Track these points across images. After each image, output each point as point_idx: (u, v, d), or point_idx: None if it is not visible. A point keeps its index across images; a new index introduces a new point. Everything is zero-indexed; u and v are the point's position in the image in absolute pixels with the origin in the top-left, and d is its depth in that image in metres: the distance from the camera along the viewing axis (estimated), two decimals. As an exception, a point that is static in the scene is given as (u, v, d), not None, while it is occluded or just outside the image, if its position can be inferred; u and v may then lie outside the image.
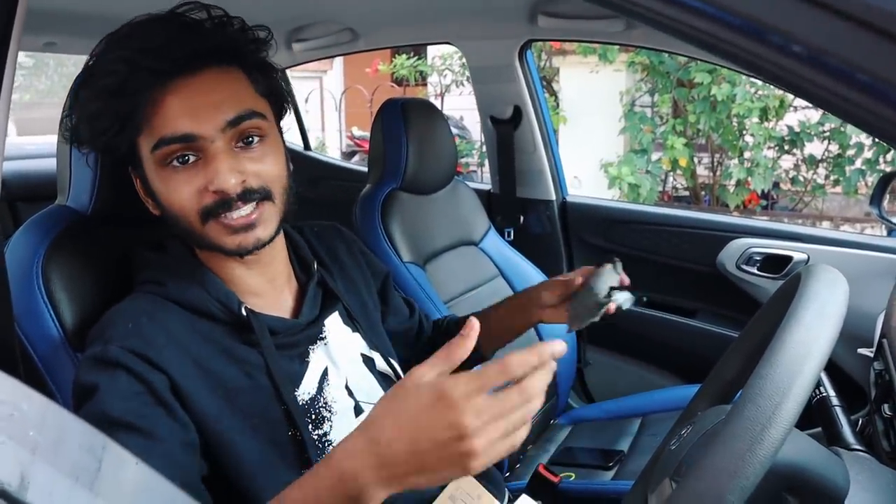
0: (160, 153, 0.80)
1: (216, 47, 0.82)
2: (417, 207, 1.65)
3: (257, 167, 0.82)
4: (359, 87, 7.22)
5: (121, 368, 0.76)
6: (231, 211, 0.80)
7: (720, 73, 4.70)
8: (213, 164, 0.79)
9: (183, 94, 0.80)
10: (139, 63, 0.78)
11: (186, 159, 0.80)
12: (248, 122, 0.82)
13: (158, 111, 0.79)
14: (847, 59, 0.35)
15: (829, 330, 0.58)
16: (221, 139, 0.80)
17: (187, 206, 0.81)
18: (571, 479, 1.48)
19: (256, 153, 0.83)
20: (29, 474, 0.61)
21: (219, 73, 0.82)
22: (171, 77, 0.79)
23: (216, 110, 0.80)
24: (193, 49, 0.80)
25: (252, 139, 0.83)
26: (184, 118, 0.79)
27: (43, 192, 1.39)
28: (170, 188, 0.82)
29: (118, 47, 0.80)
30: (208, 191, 0.80)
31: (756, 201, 5.76)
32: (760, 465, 0.52)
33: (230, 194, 0.80)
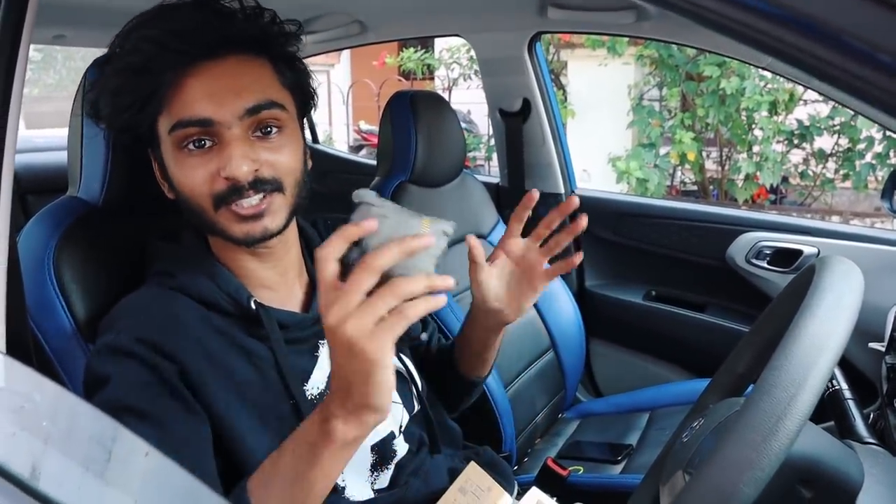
0: (177, 135, 0.80)
1: (245, 35, 0.82)
2: (426, 200, 1.65)
3: (272, 157, 0.82)
4: (366, 81, 7.20)
5: (132, 357, 0.76)
6: (242, 199, 0.80)
7: (729, 66, 4.67)
8: (227, 151, 0.79)
9: (205, 78, 0.80)
10: (166, 44, 0.78)
11: (203, 143, 0.80)
12: (267, 111, 0.81)
13: (179, 93, 0.79)
14: (868, 39, 0.34)
15: (844, 321, 0.58)
16: (238, 126, 0.80)
17: (199, 191, 0.81)
18: (580, 473, 1.48)
19: (273, 143, 0.83)
20: (41, 464, 0.61)
21: (244, 61, 0.82)
22: (196, 60, 0.79)
23: (236, 97, 0.80)
24: (222, 34, 0.80)
25: (270, 129, 0.83)
26: (203, 102, 0.79)
27: (52, 185, 1.39)
28: (184, 171, 0.82)
29: (146, 27, 0.80)
30: (220, 177, 0.80)
31: (765, 196, 5.73)
32: (776, 457, 0.52)
33: (241, 182, 0.79)
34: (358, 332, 0.59)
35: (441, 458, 1.01)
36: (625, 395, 1.85)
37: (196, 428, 0.77)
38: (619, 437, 1.63)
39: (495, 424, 1.46)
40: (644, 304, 1.99)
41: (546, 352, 1.77)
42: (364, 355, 0.59)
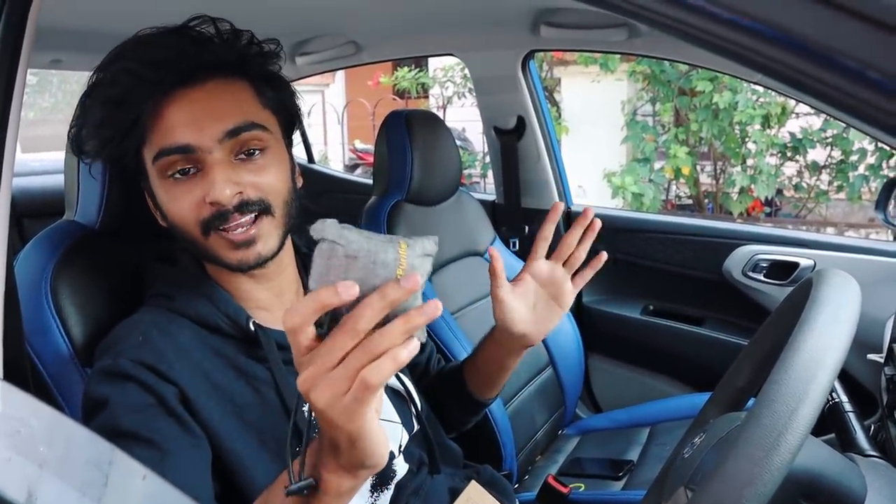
0: (160, 164, 0.80)
1: (221, 59, 0.82)
2: (423, 219, 1.65)
3: (256, 179, 0.82)
4: (361, 101, 7.24)
5: (131, 381, 0.76)
6: (229, 223, 0.80)
7: (721, 80, 4.71)
8: (210, 176, 0.79)
9: (184, 105, 0.80)
10: (143, 75, 0.78)
11: (187, 171, 0.81)
12: (247, 133, 0.81)
13: (159, 122, 0.80)
14: (858, 57, 0.35)
15: (843, 334, 0.58)
16: (220, 150, 0.80)
17: (187, 218, 0.81)
18: (581, 490, 1.47)
19: (257, 165, 0.83)
20: (37, 489, 0.61)
21: (222, 85, 0.82)
22: (174, 88, 0.79)
23: (215, 121, 0.80)
24: (197, 61, 0.80)
25: (253, 151, 0.82)
26: (182, 129, 0.79)
27: (48, 209, 1.39)
28: (171, 200, 0.82)
29: (124, 58, 0.80)
30: (205, 203, 0.80)
31: (760, 208, 5.76)
32: (778, 472, 0.51)
33: (225, 206, 0.79)
34: (329, 404, 0.54)
35: (441, 478, 1.00)
36: (624, 410, 1.85)
37: (196, 451, 0.76)
38: (620, 453, 1.63)
39: (495, 442, 1.45)
40: (642, 319, 1.99)
41: (545, 368, 1.77)
42: (342, 426, 0.55)
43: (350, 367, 0.52)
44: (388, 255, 0.54)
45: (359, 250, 0.54)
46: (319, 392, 0.53)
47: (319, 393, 0.53)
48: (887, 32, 0.33)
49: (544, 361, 1.77)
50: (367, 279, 0.53)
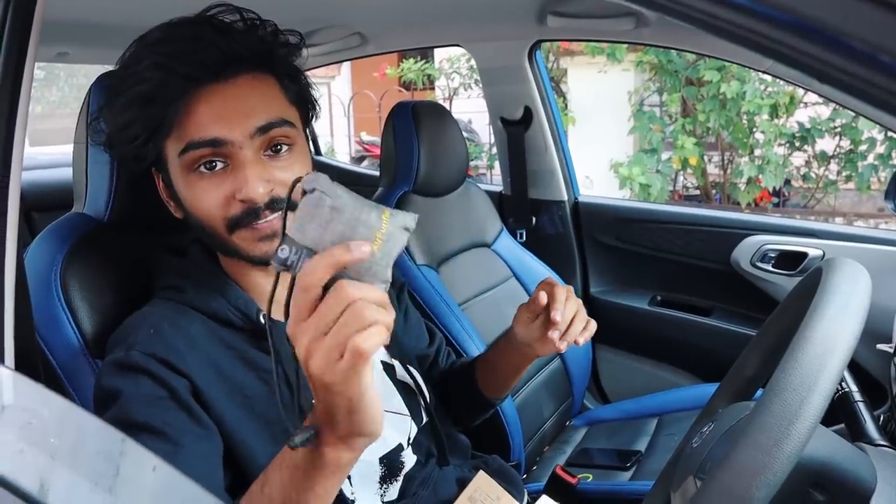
0: (188, 157, 0.80)
1: (250, 52, 0.81)
2: (430, 210, 1.65)
3: (285, 176, 0.81)
4: (367, 93, 7.23)
5: (143, 373, 0.76)
6: (259, 219, 0.80)
7: (729, 70, 4.68)
8: (242, 172, 0.79)
9: (215, 100, 0.79)
10: (174, 69, 0.77)
11: (213, 165, 0.80)
12: (277, 129, 0.81)
13: (189, 116, 0.79)
14: (868, 41, 0.34)
15: (853, 323, 0.57)
16: (250, 146, 0.79)
17: (214, 214, 0.81)
18: (589, 481, 1.47)
19: (285, 161, 0.82)
20: (49, 480, 0.61)
21: (252, 80, 0.82)
22: (205, 83, 0.79)
23: (246, 117, 0.79)
24: (227, 54, 0.79)
25: (280, 147, 0.82)
26: (214, 123, 0.78)
27: (57, 202, 1.40)
28: (196, 194, 0.81)
29: (150, 53, 0.79)
30: (235, 200, 0.79)
31: (768, 199, 5.73)
32: (788, 461, 0.51)
33: (258, 203, 0.79)
34: (324, 370, 0.56)
35: (449, 469, 1.01)
36: (632, 400, 1.85)
37: (207, 443, 0.76)
38: (628, 444, 1.63)
39: (503, 433, 1.46)
40: (650, 310, 1.99)
41: (552, 359, 1.77)
42: (341, 392, 0.57)
43: (341, 335, 0.54)
44: (371, 217, 0.56)
45: (345, 206, 0.56)
46: (316, 359, 0.55)
47: (316, 360, 0.55)
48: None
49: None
50: (346, 234, 0.55)
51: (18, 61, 0.72)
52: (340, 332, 0.54)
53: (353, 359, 0.54)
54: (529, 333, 0.96)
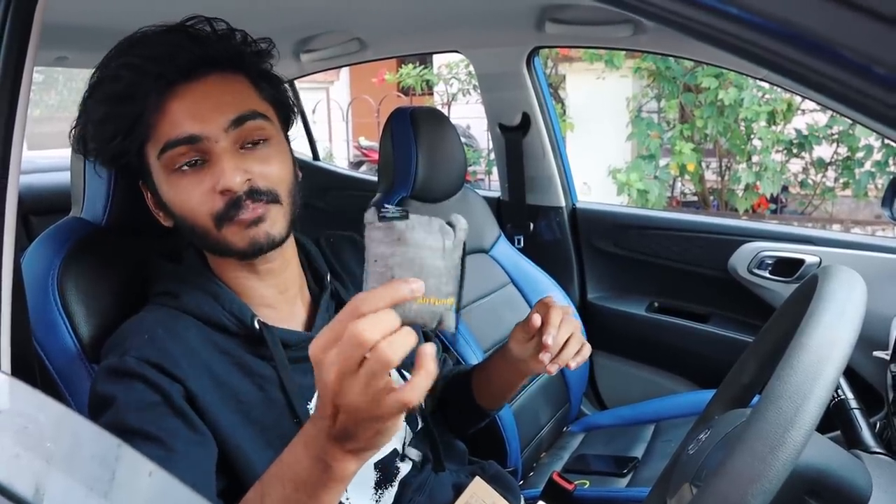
0: (167, 157, 0.81)
1: (220, 55, 0.83)
2: (428, 215, 1.65)
3: (263, 168, 0.83)
4: (366, 98, 7.23)
5: (138, 379, 0.76)
6: (241, 209, 0.81)
7: (727, 77, 4.69)
8: (219, 164, 0.80)
9: (187, 99, 0.81)
10: (144, 69, 0.79)
11: (194, 163, 0.81)
12: (251, 122, 0.82)
13: (163, 116, 0.80)
14: (864, 52, 0.34)
15: (848, 331, 0.57)
16: (225, 139, 0.81)
17: (199, 210, 0.81)
18: (586, 487, 1.47)
19: (262, 154, 0.84)
20: (44, 484, 0.61)
21: (223, 79, 0.83)
22: (176, 83, 0.80)
23: (219, 112, 0.81)
24: (198, 56, 0.81)
25: (257, 141, 0.84)
26: (187, 120, 0.80)
27: (55, 206, 1.40)
28: (179, 193, 0.82)
29: (124, 54, 0.81)
30: (216, 192, 0.80)
31: (765, 205, 5.73)
32: (783, 468, 0.51)
33: (237, 192, 0.80)
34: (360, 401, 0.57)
35: (445, 475, 1.00)
36: (629, 407, 1.84)
37: (201, 448, 0.76)
38: (625, 450, 1.62)
39: (500, 439, 1.45)
40: (647, 316, 1.99)
41: (550, 365, 1.77)
42: (373, 417, 0.58)
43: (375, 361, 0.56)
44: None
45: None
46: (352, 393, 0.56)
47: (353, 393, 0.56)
48: (893, 27, 0.33)
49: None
50: (413, 260, 0.60)
51: (17, 65, 0.73)
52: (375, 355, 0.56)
53: (407, 393, 0.57)
54: (524, 352, 0.95)
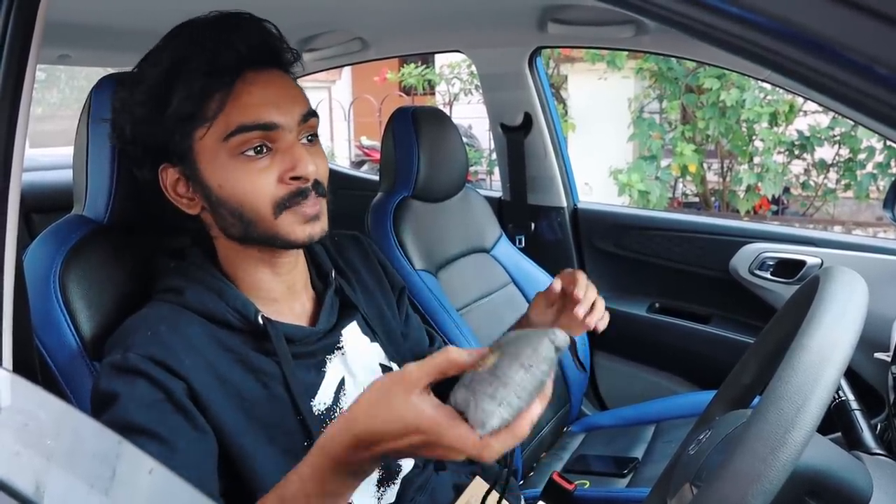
0: (237, 141, 0.80)
1: (279, 49, 0.86)
2: (429, 215, 1.65)
3: (319, 162, 0.85)
4: (367, 97, 7.24)
5: (141, 376, 0.76)
6: (307, 199, 0.82)
7: (729, 78, 4.69)
8: (291, 153, 0.81)
9: (262, 85, 0.81)
10: (231, 43, 0.79)
11: (261, 149, 0.81)
12: (314, 119, 0.85)
13: (237, 99, 0.80)
14: (866, 52, 0.34)
15: (850, 332, 0.58)
16: (297, 131, 0.83)
17: (262, 196, 0.81)
18: (586, 487, 1.47)
19: (317, 150, 0.87)
20: (44, 482, 0.61)
21: (281, 74, 0.86)
22: (250, 67, 0.81)
23: (294, 103, 0.83)
24: (267, 47, 0.84)
25: (312, 137, 0.86)
26: (266, 107, 0.80)
27: (56, 204, 1.40)
28: (240, 178, 0.81)
29: (188, 34, 0.82)
30: (285, 180, 0.81)
31: (767, 206, 5.73)
32: (783, 469, 0.51)
33: (309, 180, 0.82)
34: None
35: (446, 474, 1.00)
36: (630, 407, 1.84)
37: (202, 446, 0.76)
38: (625, 451, 1.63)
39: (500, 439, 1.45)
40: (648, 317, 1.99)
41: (550, 365, 1.77)
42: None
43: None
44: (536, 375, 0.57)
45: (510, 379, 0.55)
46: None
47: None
48: (895, 27, 0.33)
49: (550, 358, 1.77)
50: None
51: (20, 62, 0.73)
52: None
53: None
54: (544, 318, 1.02)
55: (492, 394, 0.54)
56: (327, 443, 0.63)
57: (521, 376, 0.55)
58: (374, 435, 0.59)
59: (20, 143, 0.74)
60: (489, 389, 0.55)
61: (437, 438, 0.56)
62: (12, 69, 0.72)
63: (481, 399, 0.55)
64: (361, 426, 0.60)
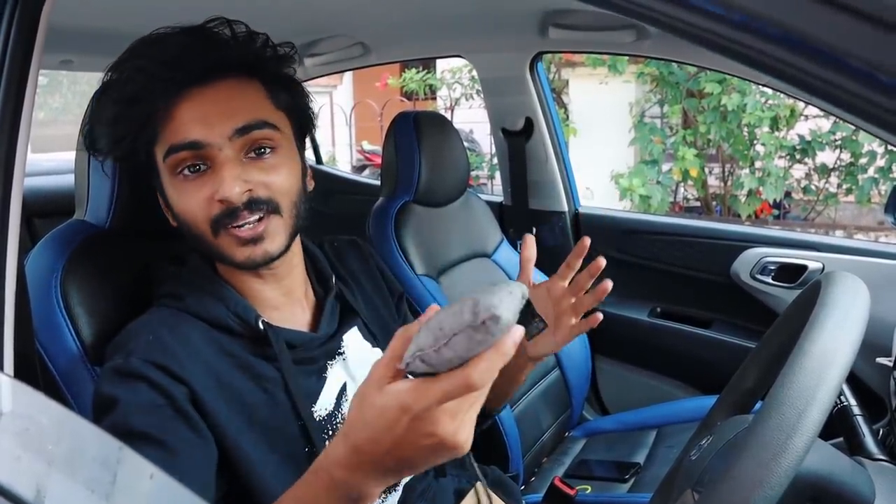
0: (171, 161, 0.81)
1: (234, 59, 0.83)
2: (430, 220, 1.65)
3: (266, 178, 0.82)
4: (369, 102, 7.25)
5: (142, 380, 0.76)
6: (237, 221, 0.80)
7: (730, 82, 4.69)
8: (220, 173, 0.79)
9: (196, 103, 0.80)
10: (156, 73, 0.78)
11: (197, 168, 0.81)
12: (258, 131, 0.81)
13: (171, 119, 0.80)
14: (867, 59, 0.34)
15: (851, 337, 0.57)
16: (230, 147, 0.80)
17: (197, 216, 0.81)
18: (588, 492, 1.47)
19: (267, 164, 0.83)
20: (45, 487, 0.61)
21: (235, 84, 0.82)
22: (186, 86, 0.80)
23: (226, 118, 0.80)
24: (211, 60, 0.81)
25: (264, 150, 0.83)
26: (193, 125, 0.79)
27: (58, 208, 1.40)
28: (180, 197, 0.82)
29: (137, 56, 0.81)
30: (215, 200, 0.80)
31: (768, 211, 5.73)
32: (785, 475, 0.51)
33: (235, 203, 0.79)
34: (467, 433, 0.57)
35: (447, 480, 1.00)
36: (631, 412, 1.84)
37: (203, 452, 0.76)
38: (627, 456, 1.62)
39: (502, 444, 1.45)
40: (649, 321, 1.99)
41: (551, 370, 1.77)
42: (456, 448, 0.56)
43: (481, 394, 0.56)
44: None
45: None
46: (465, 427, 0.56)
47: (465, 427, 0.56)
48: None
49: (551, 363, 1.77)
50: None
51: (23, 68, 0.73)
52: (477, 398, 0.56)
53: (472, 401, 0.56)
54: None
55: (420, 333, 0.55)
56: (325, 461, 0.62)
57: (441, 316, 0.54)
58: (369, 438, 0.57)
59: (22, 148, 0.74)
60: (420, 333, 0.55)
61: (425, 404, 0.54)
62: (15, 74, 0.72)
63: (414, 341, 0.55)
64: (355, 434, 0.58)
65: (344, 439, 0.60)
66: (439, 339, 0.53)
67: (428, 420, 0.54)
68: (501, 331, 0.52)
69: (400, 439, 0.56)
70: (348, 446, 0.59)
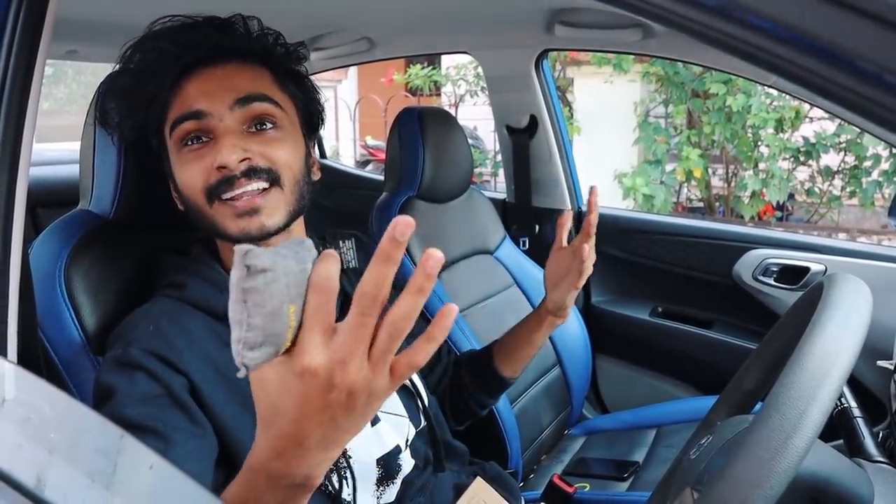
0: (176, 133, 0.83)
1: (246, 47, 0.86)
2: (434, 216, 1.65)
3: (265, 149, 0.83)
4: (373, 97, 7.25)
5: (141, 370, 0.76)
6: (234, 189, 0.80)
7: (735, 83, 4.68)
8: (220, 141, 0.81)
9: (203, 79, 0.83)
10: (168, 51, 0.82)
11: (199, 139, 0.83)
12: (259, 104, 0.83)
13: (179, 95, 0.83)
14: (875, 60, 0.34)
15: (853, 339, 0.57)
16: (231, 118, 0.82)
17: (195, 185, 0.82)
18: (586, 490, 1.47)
19: (268, 136, 0.84)
20: (46, 474, 0.61)
21: (243, 65, 0.86)
22: (196, 66, 0.83)
23: (228, 90, 0.82)
24: (223, 44, 0.84)
25: (265, 125, 0.84)
26: (198, 97, 0.82)
27: (62, 198, 1.40)
28: (182, 169, 0.84)
29: (154, 37, 0.84)
30: (213, 168, 0.81)
31: (771, 213, 5.72)
32: (785, 475, 0.51)
33: (232, 170, 0.80)
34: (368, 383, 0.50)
35: (446, 475, 1.00)
36: (631, 411, 1.84)
37: (201, 442, 0.76)
38: (626, 454, 1.62)
39: (501, 440, 1.46)
40: (650, 321, 1.99)
41: (552, 368, 1.77)
42: (371, 406, 0.51)
43: (384, 334, 0.51)
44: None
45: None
46: (355, 366, 0.50)
47: (355, 367, 0.50)
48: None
49: (551, 361, 1.77)
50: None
51: (30, 58, 0.73)
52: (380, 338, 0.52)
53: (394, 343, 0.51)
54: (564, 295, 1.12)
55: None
56: (257, 459, 0.55)
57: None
58: (288, 419, 0.50)
59: (28, 138, 0.74)
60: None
61: (308, 361, 0.48)
62: (21, 64, 0.72)
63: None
64: (270, 419, 0.52)
65: (261, 431, 0.54)
66: (241, 322, 0.48)
67: (323, 376, 0.49)
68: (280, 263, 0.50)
69: (307, 411, 0.50)
70: (267, 439, 0.53)
